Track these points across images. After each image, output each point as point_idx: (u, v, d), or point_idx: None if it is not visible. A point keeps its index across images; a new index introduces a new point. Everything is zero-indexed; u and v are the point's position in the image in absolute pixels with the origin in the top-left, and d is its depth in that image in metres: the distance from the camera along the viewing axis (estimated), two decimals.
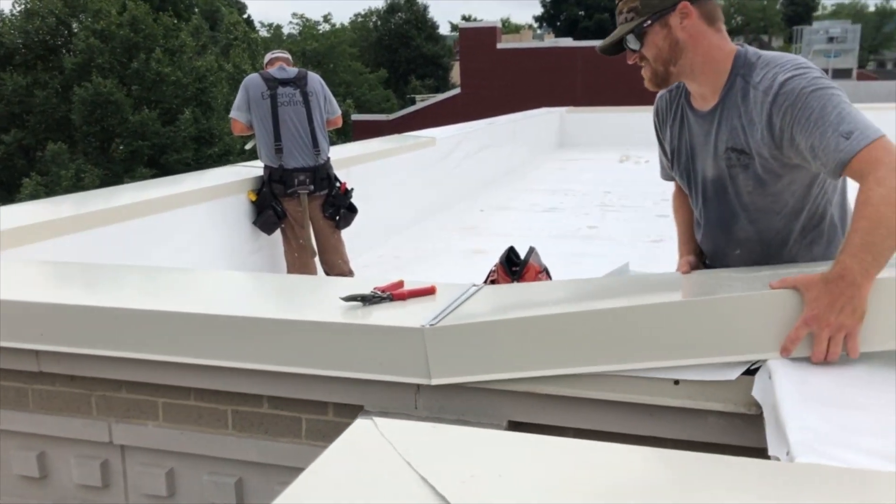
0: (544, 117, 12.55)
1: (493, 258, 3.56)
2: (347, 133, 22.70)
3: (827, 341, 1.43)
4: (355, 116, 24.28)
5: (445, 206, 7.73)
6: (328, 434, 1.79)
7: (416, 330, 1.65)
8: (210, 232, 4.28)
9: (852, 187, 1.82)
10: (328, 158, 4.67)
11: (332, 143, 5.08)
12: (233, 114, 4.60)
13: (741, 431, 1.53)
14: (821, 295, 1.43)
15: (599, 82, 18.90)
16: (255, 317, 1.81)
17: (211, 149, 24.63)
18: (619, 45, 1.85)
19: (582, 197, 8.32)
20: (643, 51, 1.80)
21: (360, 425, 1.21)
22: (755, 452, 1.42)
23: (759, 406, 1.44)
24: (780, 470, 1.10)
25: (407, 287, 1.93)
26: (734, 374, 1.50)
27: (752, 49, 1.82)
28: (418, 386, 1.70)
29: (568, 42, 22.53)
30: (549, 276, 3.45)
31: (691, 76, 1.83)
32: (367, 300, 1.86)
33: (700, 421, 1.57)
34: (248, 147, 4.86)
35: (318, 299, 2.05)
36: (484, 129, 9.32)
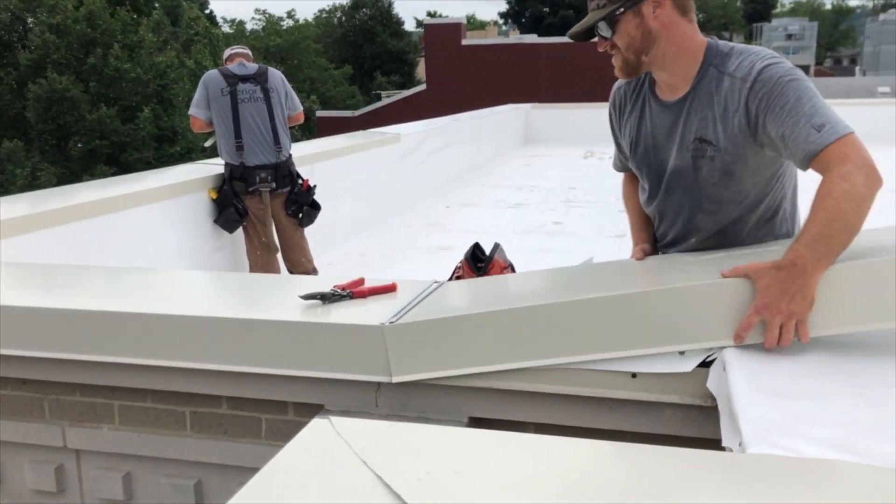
0: (510, 113, 12.59)
1: (459, 255, 3.56)
2: (312, 130, 22.49)
3: (779, 328, 1.45)
4: (320, 113, 24.04)
5: (411, 202, 7.72)
6: (288, 434, 1.77)
7: (375, 328, 1.64)
8: (170, 231, 4.22)
9: (803, 184, 1.87)
10: (290, 155, 4.62)
11: (296, 139, 5.03)
12: (192, 111, 4.53)
13: (697, 423, 1.55)
14: (772, 283, 1.46)
15: (564, 79, 19.01)
16: (214, 316, 1.79)
17: (173, 147, 24.23)
18: (591, 32, 1.83)
19: (547, 193, 8.37)
20: (615, 39, 1.78)
21: (316, 425, 1.20)
22: (711, 444, 1.44)
23: (714, 398, 1.46)
24: (733, 461, 1.11)
25: (368, 284, 1.92)
26: (690, 366, 1.52)
27: (721, 41, 1.84)
28: (378, 384, 1.70)
29: (533, 38, 22.59)
30: (514, 272, 3.47)
31: (662, 66, 1.82)
32: (327, 298, 1.84)
33: (657, 413, 1.58)
34: (207, 144, 4.79)
35: (279, 298, 2.03)
36: (449, 126, 9.32)
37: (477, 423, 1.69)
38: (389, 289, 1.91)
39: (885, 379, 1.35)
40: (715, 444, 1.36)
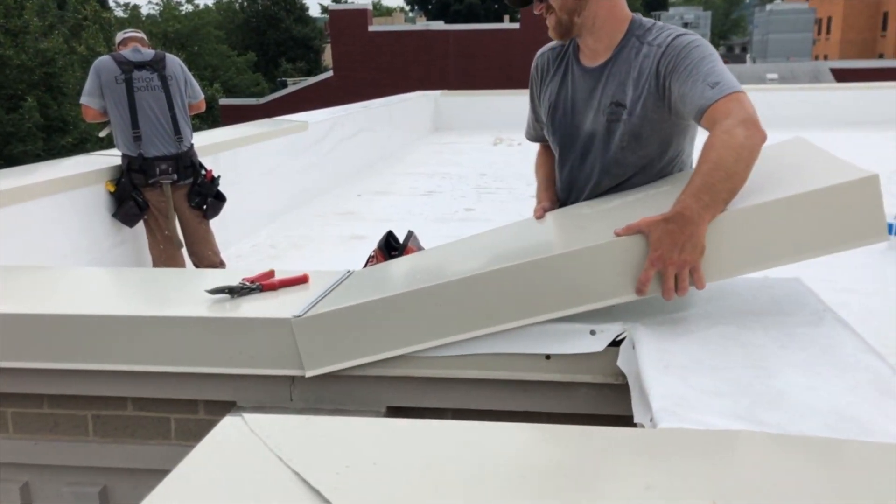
0: (419, 101, 12.57)
1: (372, 243, 3.53)
2: (216, 118, 21.76)
3: (674, 277, 1.50)
4: (223, 101, 23.31)
5: (321, 191, 7.60)
6: (200, 433, 1.71)
7: (285, 321, 1.60)
8: (65, 226, 4.00)
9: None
10: (192, 145, 4.46)
11: (198, 129, 4.86)
12: (84, 100, 4.28)
13: (610, 401, 1.60)
14: (663, 235, 1.51)
15: (472, 66, 19.13)
16: (115, 315, 1.70)
17: (64, 138, 22.92)
18: None
19: (458, 180, 8.42)
20: (550, 0, 1.87)
21: (228, 422, 1.15)
22: (624, 420, 1.48)
23: (624, 375, 1.50)
24: (645, 437, 1.15)
25: (278, 276, 1.87)
26: (601, 346, 1.56)
27: (645, 17, 1.95)
28: (293, 378, 1.66)
29: (440, 25, 22.59)
30: None
31: (591, 29, 1.91)
32: (236, 292, 1.79)
33: (571, 393, 1.62)
34: (103, 134, 4.56)
35: (185, 293, 1.96)
36: (359, 113, 9.22)
37: (395, 412, 1.68)
38: (301, 280, 1.86)
39: (782, 350, 1.42)
40: (627, 420, 1.40)
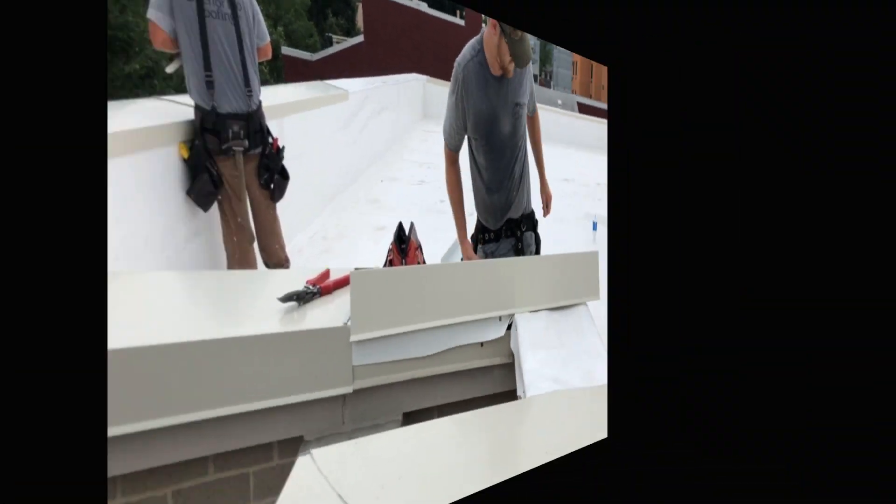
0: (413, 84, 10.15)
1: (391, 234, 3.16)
2: (279, 70, 17.09)
3: None
4: (286, 50, 17.53)
5: (356, 174, 6.34)
6: (276, 486, 1.42)
7: (339, 330, 1.42)
8: (137, 205, 2.64)
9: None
10: (260, 103, 3.15)
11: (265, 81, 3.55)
12: (151, 13, 2.87)
13: (512, 379, 1.71)
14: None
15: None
16: (196, 340, 1.31)
17: (130, 63, 14.91)
18: None
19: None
20: None
21: (300, 466, 1.03)
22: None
23: (514, 355, 1.65)
24: (519, 405, 1.32)
25: (332, 277, 1.68)
26: (502, 331, 1.70)
27: None
28: (344, 397, 1.49)
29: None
30: (422, 253, 3.17)
31: None
32: (302, 298, 1.54)
33: (489, 375, 1.71)
34: (170, 70, 3.06)
35: (256, 303, 1.61)
36: (390, 88, 7.76)
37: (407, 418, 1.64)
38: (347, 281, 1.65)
39: (575, 326, 1.67)
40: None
